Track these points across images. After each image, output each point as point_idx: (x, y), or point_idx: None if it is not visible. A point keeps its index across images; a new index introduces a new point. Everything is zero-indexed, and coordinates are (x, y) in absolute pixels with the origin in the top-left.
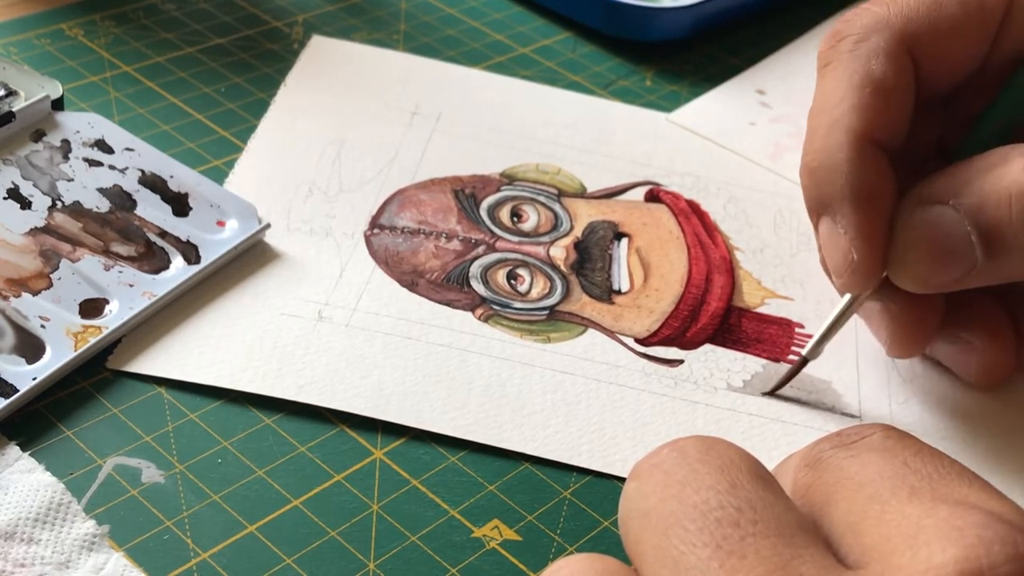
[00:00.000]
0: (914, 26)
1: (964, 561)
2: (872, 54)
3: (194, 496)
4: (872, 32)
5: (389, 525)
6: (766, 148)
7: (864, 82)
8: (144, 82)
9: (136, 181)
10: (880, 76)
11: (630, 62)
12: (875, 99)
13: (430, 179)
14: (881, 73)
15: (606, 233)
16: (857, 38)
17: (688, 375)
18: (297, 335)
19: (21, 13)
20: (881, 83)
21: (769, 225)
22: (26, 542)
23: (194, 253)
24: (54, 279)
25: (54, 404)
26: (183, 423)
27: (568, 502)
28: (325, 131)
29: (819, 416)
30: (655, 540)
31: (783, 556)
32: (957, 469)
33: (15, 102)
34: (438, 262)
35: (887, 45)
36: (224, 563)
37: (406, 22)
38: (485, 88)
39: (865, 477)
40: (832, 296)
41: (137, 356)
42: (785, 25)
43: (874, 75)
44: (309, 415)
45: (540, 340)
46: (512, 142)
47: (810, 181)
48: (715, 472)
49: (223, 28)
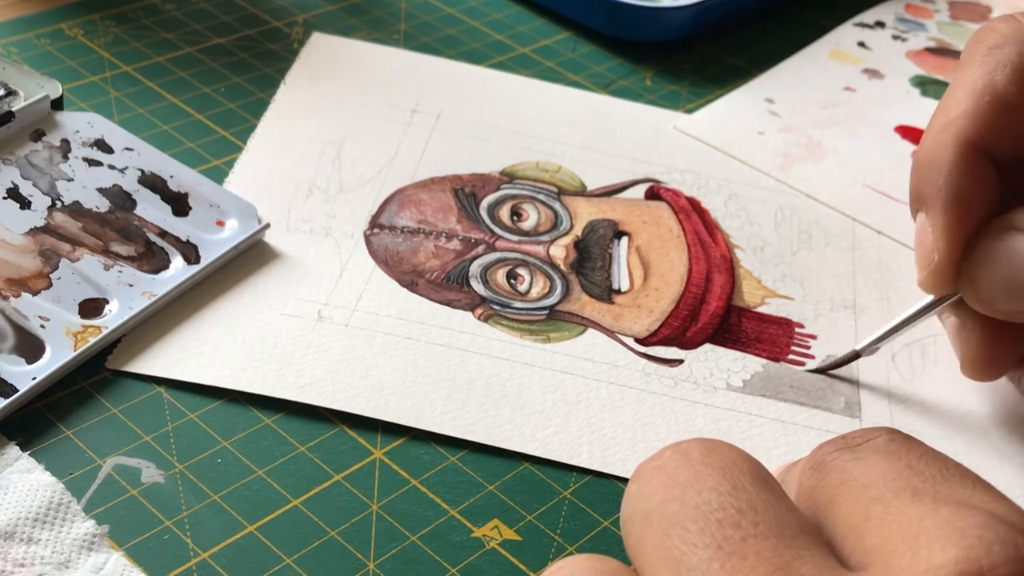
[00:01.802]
0: None
1: (964, 562)
2: (1001, 65)
3: (194, 496)
4: (1008, 43)
5: (389, 525)
6: (775, 158)
7: (985, 90)
8: (144, 82)
9: (136, 181)
10: (1002, 88)
11: (630, 62)
12: (991, 109)
13: (430, 178)
14: (1003, 85)
15: (606, 232)
16: (993, 44)
17: (688, 375)
18: (297, 335)
19: (21, 13)
20: (1002, 95)
21: (770, 223)
22: (26, 542)
23: (194, 253)
24: (54, 279)
25: (54, 404)
26: (183, 423)
27: (568, 502)
28: (325, 130)
29: (819, 416)
30: (656, 541)
31: (784, 557)
32: (961, 471)
33: (15, 102)
34: (438, 262)
35: (1017, 59)
36: (224, 563)
37: (406, 22)
38: (485, 86)
39: (869, 479)
40: (832, 295)
41: (137, 356)
42: (785, 25)
43: (996, 85)
44: (309, 415)
45: (540, 340)
46: (512, 140)
47: (915, 174)
48: (717, 474)
49: (223, 28)
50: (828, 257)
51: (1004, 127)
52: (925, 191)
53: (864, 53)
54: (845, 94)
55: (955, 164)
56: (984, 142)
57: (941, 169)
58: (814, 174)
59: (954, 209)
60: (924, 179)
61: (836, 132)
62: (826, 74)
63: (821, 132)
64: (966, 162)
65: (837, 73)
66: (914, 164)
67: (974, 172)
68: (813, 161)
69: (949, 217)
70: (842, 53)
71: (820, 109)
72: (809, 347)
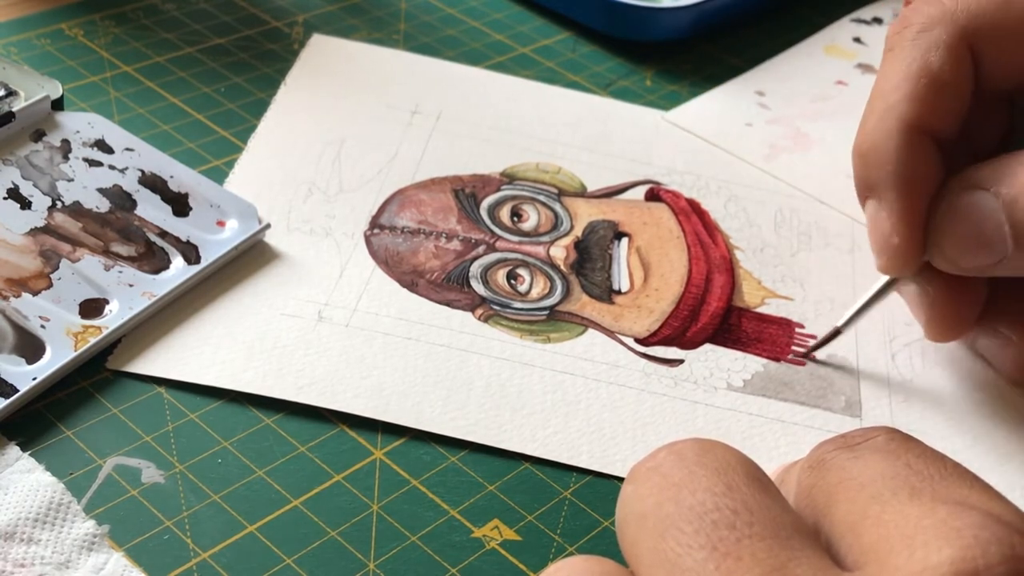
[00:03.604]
0: (978, 22)
1: (960, 561)
2: (932, 46)
3: (194, 496)
4: (936, 23)
5: (389, 525)
6: (761, 149)
7: (921, 72)
8: (144, 82)
9: (136, 181)
10: (937, 69)
11: (630, 62)
12: (929, 91)
13: (430, 178)
14: (938, 66)
15: (606, 233)
16: (920, 27)
17: (688, 375)
18: (297, 335)
19: (21, 13)
20: (937, 76)
21: (769, 224)
22: (26, 542)
23: (194, 253)
24: (54, 279)
25: (54, 404)
26: (183, 423)
27: (568, 502)
28: (325, 130)
29: (819, 416)
30: (652, 542)
31: (779, 558)
32: (959, 471)
33: (15, 102)
34: (438, 262)
35: (948, 39)
36: (224, 563)
37: (406, 22)
38: (485, 87)
39: (867, 478)
40: (832, 296)
41: (137, 356)
42: (785, 25)
43: (931, 67)
44: (309, 415)
45: (540, 340)
46: (512, 141)
47: (859, 163)
48: (712, 475)
49: (223, 28)
50: (828, 258)
51: (942, 107)
52: (874, 179)
53: (859, 48)
54: (837, 88)
55: (901, 149)
56: (926, 124)
57: (888, 156)
58: (799, 165)
59: (907, 193)
60: (871, 167)
61: (825, 125)
62: (819, 68)
63: (809, 124)
64: (912, 146)
65: (830, 67)
66: (856, 152)
67: (921, 155)
68: (800, 152)
69: (904, 201)
70: (837, 48)
71: (810, 102)
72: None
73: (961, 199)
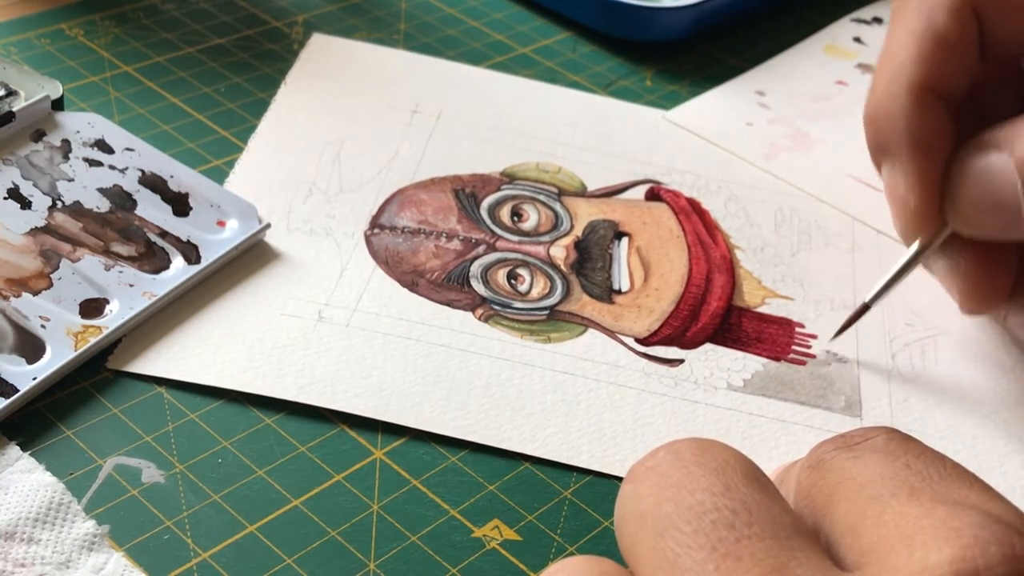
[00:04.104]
0: None
1: (960, 561)
2: (937, 7)
3: (194, 496)
4: None
5: (389, 525)
6: (761, 148)
7: (926, 34)
8: (144, 82)
9: (136, 181)
10: (942, 29)
11: (630, 62)
12: (936, 51)
13: (430, 178)
14: (943, 26)
15: (606, 232)
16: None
17: (688, 375)
18: (297, 335)
19: (21, 13)
20: (943, 36)
21: (770, 224)
22: (26, 542)
23: (194, 253)
24: (54, 279)
25: (54, 404)
26: (183, 423)
27: (568, 502)
28: (325, 130)
29: (819, 416)
30: (650, 542)
31: (778, 558)
32: (959, 471)
33: (15, 102)
34: (438, 262)
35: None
36: (224, 563)
37: (406, 22)
38: (485, 86)
39: (866, 478)
40: (832, 296)
41: (137, 356)
42: (785, 25)
43: (936, 28)
44: (309, 415)
45: (540, 340)
46: (512, 141)
47: (871, 128)
48: (710, 474)
49: (223, 28)
50: (828, 258)
51: (949, 66)
52: (887, 142)
53: (859, 48)
54: (837, 87)
55: (911, 108)
56: (935, 84)
57: (899, 118)
58: (800, 164)
59: (922, 154)
60: (883, 131)
61: (825, 124)
62: (819, 68)
63: (810, 124)
64: (922, 106)
65: (830, 67)
66: (867, 118)
67: (931, 114)
68: (800, 152)
69: (918, 162)
70: (837, 48)
71: (811, 102)
72: (810, 346)
73: (975, 160)
